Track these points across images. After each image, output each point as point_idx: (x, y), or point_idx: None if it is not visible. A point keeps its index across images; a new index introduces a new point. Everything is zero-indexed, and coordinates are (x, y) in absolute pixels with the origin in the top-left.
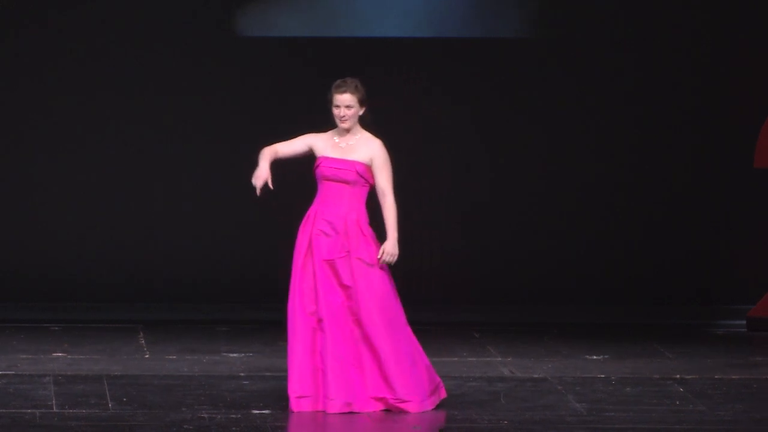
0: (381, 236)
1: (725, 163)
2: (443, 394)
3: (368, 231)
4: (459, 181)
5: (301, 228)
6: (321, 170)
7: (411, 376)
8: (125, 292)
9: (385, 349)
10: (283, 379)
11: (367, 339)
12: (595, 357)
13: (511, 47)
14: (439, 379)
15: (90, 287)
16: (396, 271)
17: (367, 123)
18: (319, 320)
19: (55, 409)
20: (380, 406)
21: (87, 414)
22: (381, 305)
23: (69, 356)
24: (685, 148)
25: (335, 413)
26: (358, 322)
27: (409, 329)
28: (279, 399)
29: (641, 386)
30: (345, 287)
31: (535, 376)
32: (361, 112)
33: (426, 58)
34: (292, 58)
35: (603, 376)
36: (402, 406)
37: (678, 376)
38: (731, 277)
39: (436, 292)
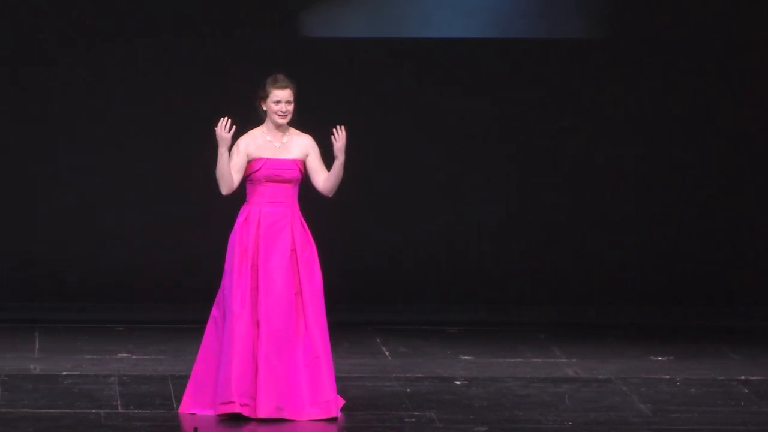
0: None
1: None
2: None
3: (307, 227)
4: (528, 179)
5: (240, 230)
6: (263, 172)
7: (333, 379)
8: (189, 292)
9: (324, 351)
10: None
11: (309, 340)
12: (659, 358)
13: (574, 48)
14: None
15: (154, 288)
16: (464, 272)
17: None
18: (258, 323)
19: (120, 410)
20: (319, 413)
21: (152, 414)
22: (321, 303)
23: (134, 356)
24: (748, 145)
25: (265, 418)
26: (303, 323)
27: None
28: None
29: (706, 387)
30: (292, 287)
31: (600, 377)
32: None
33: (489, 58)
34: (357, 58)
35: (668, 377)
36: (335, 411)
37: (743, 377)
38: None
39: (500, 292)
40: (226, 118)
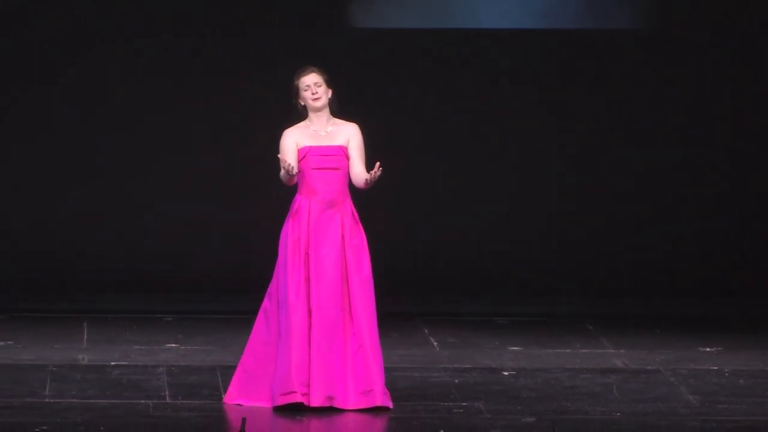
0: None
1: None
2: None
3: (357, 215)
4: (572, 171)
5: (292, 220)
6: (309, 161)
7: (382, 369)
8: (238, 284)
9: (371, 341)
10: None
11: (356, 329)
12: (708, 349)
13: (623, 39)
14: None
15: (203, 278)
16: (512, 263)
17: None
18: (310, 312)
19: (168, 400)
20: (364, 402)
21: (200, 405)
22: (370, 292)
23: (182, 347)
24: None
25: (317, 407)
26: (350, 312)
27: None
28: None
29: (754, 378)
30: (340, 276)
31: (648, 367)
32: (329, 94)
33: (537, 49)
34: (404, 49)
35: (716, 368)
36: (385, 400)
37: None
38: None
39: (548, 283)
40: (288, 163)
